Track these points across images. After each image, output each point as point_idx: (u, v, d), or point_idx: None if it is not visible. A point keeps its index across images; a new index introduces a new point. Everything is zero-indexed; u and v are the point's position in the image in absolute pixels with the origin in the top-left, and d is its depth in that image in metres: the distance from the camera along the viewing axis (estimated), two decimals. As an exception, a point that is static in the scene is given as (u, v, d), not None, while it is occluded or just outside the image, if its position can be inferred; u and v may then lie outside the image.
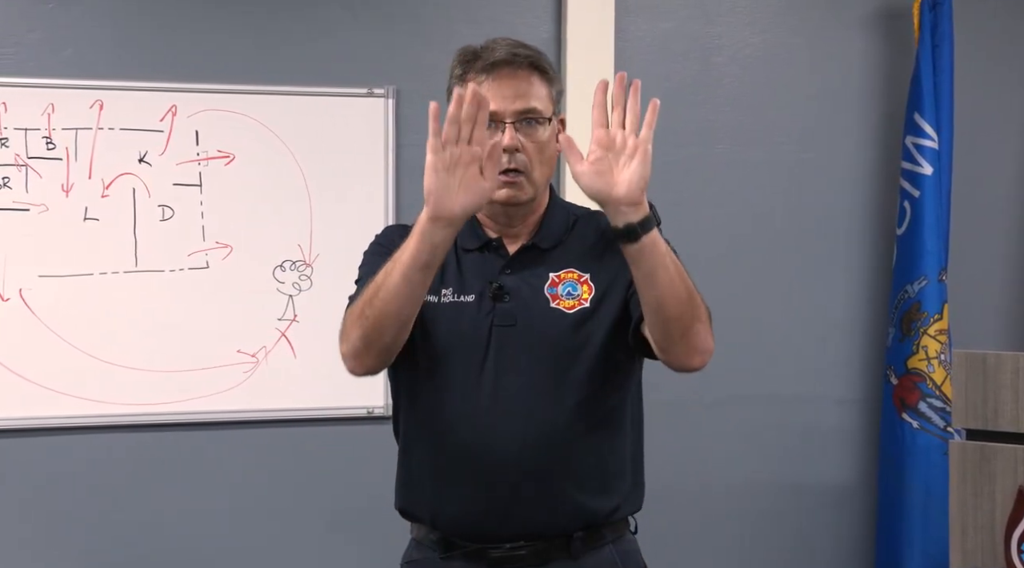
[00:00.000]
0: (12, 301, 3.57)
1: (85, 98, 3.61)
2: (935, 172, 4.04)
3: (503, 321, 2.24)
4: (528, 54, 2.24)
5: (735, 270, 4.13)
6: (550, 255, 2.30)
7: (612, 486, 2.29)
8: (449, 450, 2.24)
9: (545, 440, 2.20)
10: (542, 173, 2.27)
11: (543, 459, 2.20)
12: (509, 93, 2.21)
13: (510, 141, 2.19)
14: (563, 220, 2.35)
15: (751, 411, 4.16)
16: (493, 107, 2.16)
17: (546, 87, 2.26)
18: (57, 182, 3.60)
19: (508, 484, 2.20)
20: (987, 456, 3.06)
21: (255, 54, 3.75)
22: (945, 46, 4.06)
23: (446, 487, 2.25)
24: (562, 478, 2.22)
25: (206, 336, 3.70)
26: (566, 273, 2.28)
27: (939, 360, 4.03)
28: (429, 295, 2.23)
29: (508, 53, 2.22)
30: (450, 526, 2.27)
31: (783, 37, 4.17)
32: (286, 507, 3.81)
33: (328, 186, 3.79)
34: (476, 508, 2.23)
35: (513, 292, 2.26)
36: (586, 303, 2.25)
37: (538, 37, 3.94)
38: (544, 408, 2.21)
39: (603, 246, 2.30)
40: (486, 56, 2.23)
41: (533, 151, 2.23)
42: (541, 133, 2.24)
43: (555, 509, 2.23)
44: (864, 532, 4.27)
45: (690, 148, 4.09)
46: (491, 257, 2.30)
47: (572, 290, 2.27)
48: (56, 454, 3.64)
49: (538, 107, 2.23)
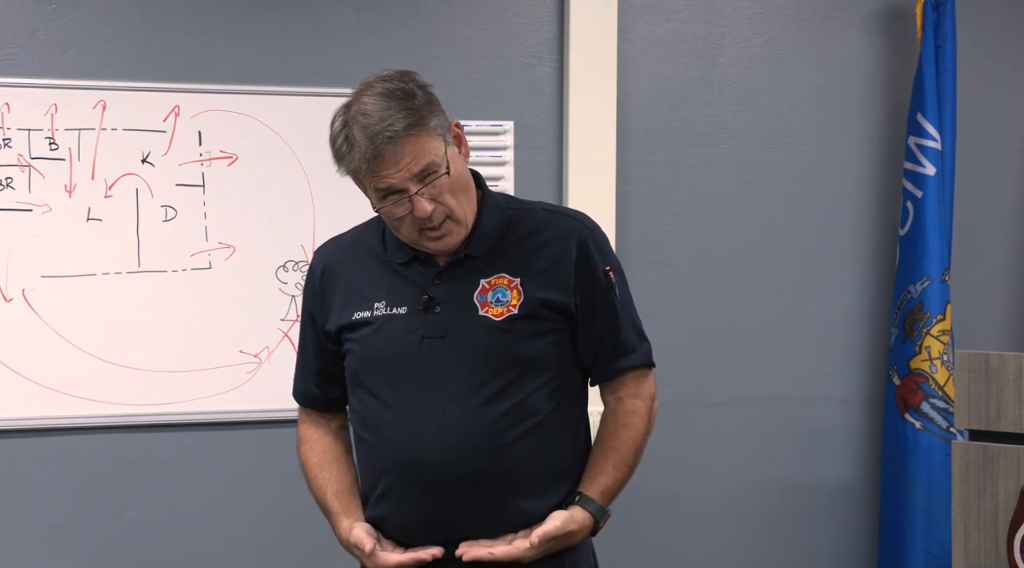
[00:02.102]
0: (15, 301, 3.57)
1: (88, 98, 3.61)
2: (938, 172, 4.04)
3: (434, 332, 2.26)
4: (390, 125, 2.15)
5: (737, 270, 4.13)
6: (482, 261, 2.30)
7: (553, 487, 2.31)
8: (388, 462, 2.28)
9: (479, 447, 2.22)
10: (462, 202, 2.25)
11: (479, 466, 2.22)
12: (397, 167, 2.17)
13: (421, 212, 2.18)
14: (497, 221, 2.34)
15: (754, 411, 4.16)
16: (391, 183, 2.17)
17: (427, 131, 2.19)
18: (60, 182, 3.60)
19: (446, 494, 2.23)
20: (990, 457, 3.06)
21: (258, 54, 3.75)
22: (948, 46, 4.06)
23: (389, 497, 2.30)
24: (499, 483, 2.24)
25: (209, 336, 3.70)
26: (497, 279, 2.29)
27: (942, 361, 4.02)
28: (363, 311, 2.32)
29: (377, 138, 2.15)
30: (397, 535, 2.31)
31: (786, 37, 4.17)
32: (289, 507, 3.81)
33: (331, 186, 3.75)
34: (419, 517, 2.27)
35: (443, 303, 2.27)
36: (514, 309, 2.26)
37: (541, 37, 3.95)
38: (476, 416, 2.23)
39: (537, 250, 2.31)
40: (359, 149, 2.17)
41: (446, 196, 2.22)
42: (443, 179, 2.20)
43: (495, 514, 2.26)
44: (866, 532, 4.26)
45: (693, 148, 4.09)
46: (422, 269, 2.31)
47: (501, 296, 2.27)
48: (59, 454, 3.64)
49: (431, 160, 2.19)
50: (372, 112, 2.17)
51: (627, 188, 4.01)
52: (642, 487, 2.53)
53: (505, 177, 3.87)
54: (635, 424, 2.38)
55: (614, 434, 2.37)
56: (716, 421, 4.14)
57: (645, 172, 4.05)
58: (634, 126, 4.03)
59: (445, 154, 2.21)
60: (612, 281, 2.35)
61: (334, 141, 2.23)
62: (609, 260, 2.37)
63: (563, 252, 2.31)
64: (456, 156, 2.25)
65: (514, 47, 3.93)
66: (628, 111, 4.01)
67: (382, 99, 2.18)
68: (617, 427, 2.37)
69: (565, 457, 2.34)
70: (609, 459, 2.34)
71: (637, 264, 4.00)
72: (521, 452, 2.25)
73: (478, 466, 2.22)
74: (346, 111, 2.22)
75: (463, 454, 2.22)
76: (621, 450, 2.35)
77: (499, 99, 3.91)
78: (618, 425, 2.37)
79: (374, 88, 2.21)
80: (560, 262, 2.30)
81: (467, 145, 2.32)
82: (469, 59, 3.89)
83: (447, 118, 2.26)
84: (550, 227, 2.34)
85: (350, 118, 2.20)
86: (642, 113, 4.04)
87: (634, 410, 2.39)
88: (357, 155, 2.18)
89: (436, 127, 2.20)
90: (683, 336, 4.08)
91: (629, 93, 4.01)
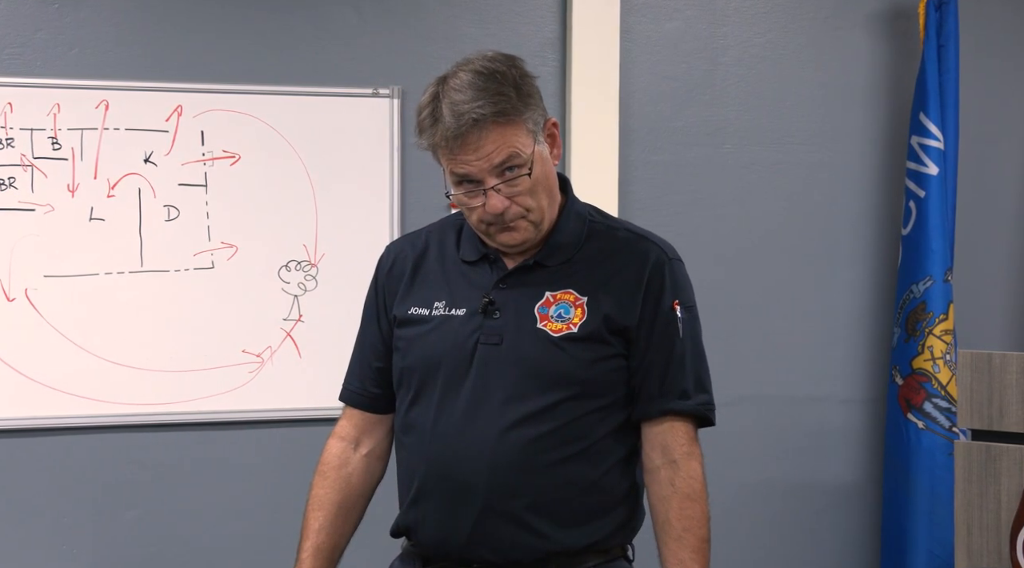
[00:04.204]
0: (18, 301, 3.57)
1: (90, 98, 3.61)
2: (940, 172, 4.04)
3: (489, 339, 2.15)
4: (479, 107, 2.05)
5: (740, 270, 4.12)
6: (552, 271, 2.19)
7: (592, 522, 2.16)
8: (424, 465, 2.17)
9: (516, 464, 2.10)
10: (543, 203, 2.14)
11: (511, 484, 2.10)
12: (478, 154, 2.07)
13: (492, 208, 2.09)
14: (576, 233, 2.22)
15: (756, 411, 4.16)
16: (468, 171, 2.08)
17: (517, 123, 2.08)
18: (63, 182, 3.60)
19: (475, 506, 2.11)
20: (992, 456, 3.06)
21: (260, 54, 3.75)
22: (951, 46, 4.06)
23: (421, 502, 2.19)
24: (530, 506, 2.11)
25: (211, 336, 3.70)
26: (564, 293, 2.17)
27: (944, 360, 4.02)
28: (421, 308, 2.21)
29: (463, 118, 2.05)
30: (424, 542, 2.21)
31: (789, 37, 4.17)
32: (291, 507, 3.80)
33: (333, 186, 3.79)
34: (445, 526, 2.16)
35: (503, 308, 2.16)
36: (574, 328, 2.14)
37: (543, 37, 3.95)
38: (518, 431, 2.11)
39: (610, 271, 2.19)
40: (442, 126, 2.07)
41: (525, 196, 2.11)
42: (524, 178, 2.09)
43: (518, 538, 2.12)
44: (869, 532, 4.26)
45: (695, 148, 4.09)
46: (489, 271, 2.21)
47: (564, 312, 2.15)
48: (61, 454, 3.64)
49: (515, 154, 2.08)
50: (465, 89, 2.06)
51: (629, 188, 4.01)
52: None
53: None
54: (699, 493, 2.16)
55: (682, 511, 2.15)
56: (719, 421, 4.10)
57: (647, 172, 4.05)
58: (636, 126, 4.03)
59: (532, 152, 2.09)
60: (678, 316, 2.21)
61: (420, 111, 2.11)
62: (681, 296, 2.23)
63: (636, 275, 2.19)
64: (545, 156, 2.14)
65: (516, 47, 3.92)
66: (630, 111, 4.01)
67: (479, 78, 2.07)
68: (681, 500, 2.15)
69: (608, 494, 2.18)
70: (686, 545, 2.14)
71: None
72: (557, 477, 2.12)
73: (507, 484, 2.10)
74: (440, 83, 2.11)
75: (491, 469, 2.10)
76: (695, 530, 2.14)
77: (501, 99, 3.91)
78: (681, 497, 2.15)
79: (474, 65, 2.10)
80: (630, 284, 2.18)
81: (560, 146, 2.21)
82: (471, 59, 3.88)
83: (545, 114, 2.15)
84: (628, 249, 2.23)
85: (442, 91, 2.08)
86: (644, 113, 4.04)
87: (693, 476, 2.17)
88: (439, 131, 2.06)
89: (528, 121, 2.10)
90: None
91: (631, 93, 4.01)
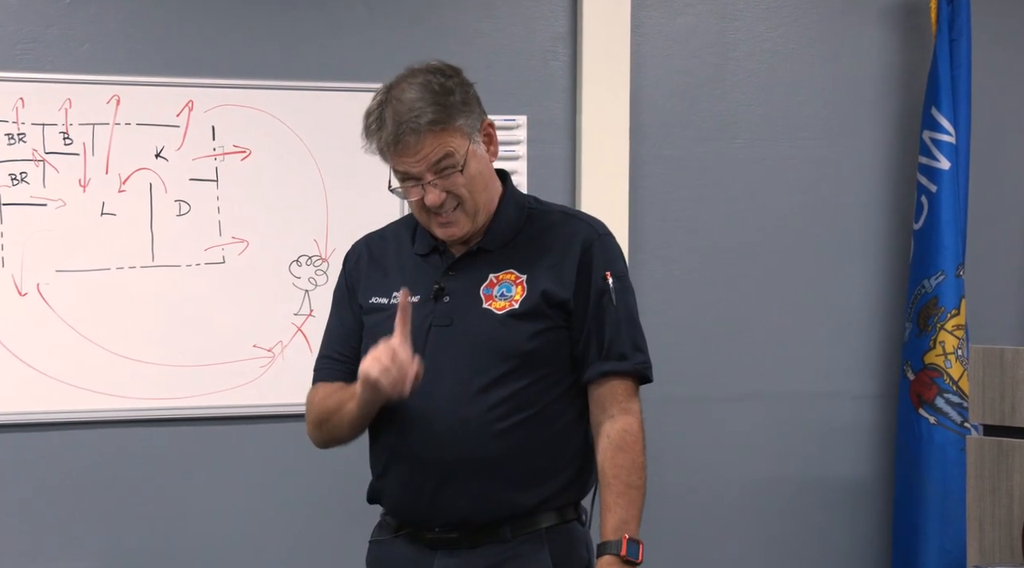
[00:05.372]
0: (30, 296, 3.58)
1: (102, 93, 3.62)
2: (952, 167, 4.04)
3: (440, 321, 2.36)
4: (417, 117, 2.25)
5: (752, 265, 4.12)
6: (494, 256, 2.40)
7: (542, 481, 2.37)
8: (393, 441, 2.39)
9: (470, 435, 2.32)
10: (478, 199, 2.35)
11: (468, 453, 2.32)
12: (416, 157, 2.28)
13: (431, 201, 2.30)
14: (515, 218, 2.43)
15: (768, 407, 4.16)
16: (408, 170, 2.30)
17: (451, 128, 2.28)
18: (74, 177, 3.61)
19: (436, 476, 2.33)
20: (1004, 451, 3.06)
21: (271, 49, 3.76)
22: (963, 40, 4.06)
23: (389, 475, 2.42)
24: (487, 472, 2.32)
25: (222, 331, 3.71)
26: (505, 274, 2.39)
27: (956, 355, 4.01)
28: (381, 297, 2.43)
29: (402, 127, 2.25)
30: (393, 511, 2.46)
31: (800, 31, 4.16)
32: (301, 501, 3.82)
33: (344, 181, 3.79)
34: (410, 495, 2.38)
35: (452, 293, 2.38)
36: (516, 305, 2.35)
37: (554, 32, 3.94)
38: (470, 404, 2.32)
39: (544, 249, 2.40)
40: (385, 132, 2.28)
41: (460, 188, 2.31)
42: (455, 174, 2.29)
43: (480, 501, 2.34)
44: (881, 528, 4.26)
45: (707, 143, 4.09)
46: (439, 260, 2.42)
47: (506, 291, 2.37)
48: (72, 448, 3.65)
49: (449, 155, 2.29)
50: (406, 100, 2.27)
51: (640, 182, 4.00)
52: (655, 482, 2.52)
53: (518, 171, 3.86)
54: (630, 444, 2.37)
55: (612, 459, 2.36)
56: (729, 417, 4.13)
57: (658, 166, 4.04)
58: (647, 120, 4.03)
59: (466, 152, 2.30)
60: (609, 285, 2.39)
61: (367, 117, 2.33)
62: (612, 267, 2.41)
63: (568, 251, 2.39)
64: (479, 154, 2.35)
65: (527, 42, 3.93)
66: (641, 105, 4.01)
67: (420, 90, 2.28)
68: (614, 450, 2.36)
69: (559, 453, 2.39)
70: (612, 490, 2.35)
71: (650, 259, 4.00)
72: (510, 443, 2.32)
73: (467, 453, 2.31)
74: (387, 91, 2.32)
75: (454, 439, 2.31)
76: (623, 476, 2.35)
77: (512, 94, 3.91)
78: (614, 448, 2.36)
79: (417, 77, 2.31)
80: (564, 261, 2.38)
81: (496, 144, 2.41)
82: (482, 54, 3.88)
83: (481, 117, 2.36)
84: (561, 227, 2.44)
85: (387, 99, 2.31)
86: (655, 107, 4.04)
87: (626, 428, 2.37)
88: (383, 137, 2.28)
89: (463, 126, 2.30)
90: (696, 331, 4.07)
91: (642, 87, 4.01)
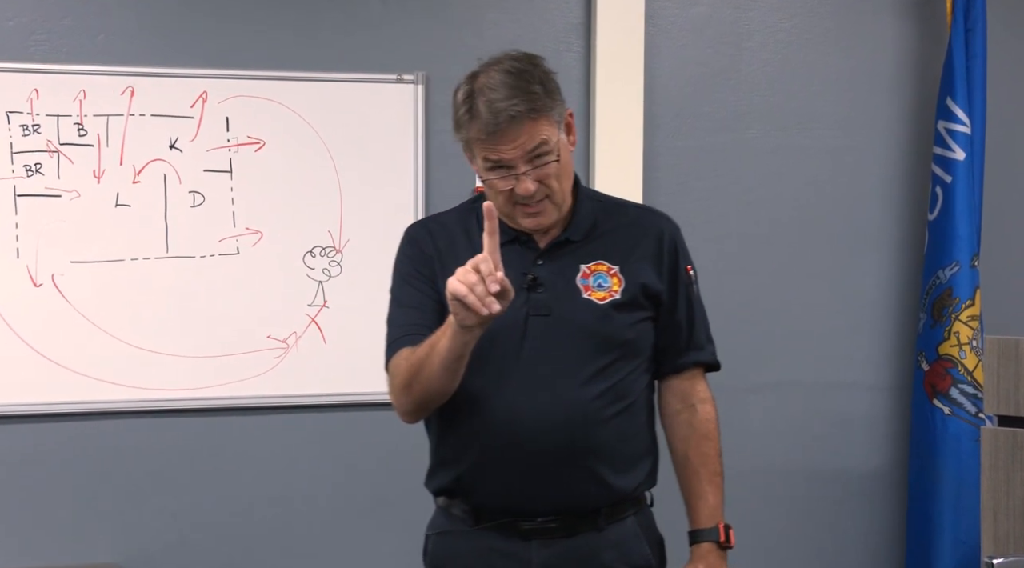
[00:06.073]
0: (44, 287, 3.59)
1: (116, 84, 3.63)
2: (967, 157, 4.02)
3: (538, 311, 2.35)
4: (515, 104, 2.23)
5: (765, 256, 4.11)
6: (580, 247, 2.42)
7: (635, 466, 2.43)
8: (487, 431, 2.34)
9: (576, 423, 2.32)
10: (564, 187, 2.35)
11: (574, 441, 2.32)
12: (513, 144, 2.26)
13: (524, 190, 2.28)
14: (590, 212, 2.46)
15: (782, 398, 4.15)
16: (503, 157, 2.26)
17: (546, 116, 2.28)
18: (89, 168, 3.62)
19: (541, 464, 2.32)
20: (1019, 442, 3.04)
21: (285, 40, 3.76)
22: (978, 30, 4.04)
23: (484, 466, 2.36)
24: (591, 459, 2.34)
25: (236, 322, 3.72)
26: (596, 265, 2.41)
27: (971, 346, 4.00)
28: None
29: (500, 114, 2.23)
30: (486, 502, 2.38)
31: (815, 21, 4.14)
32: (317, 492, 3.83)
33: (358, 172, 3.79)
34: (511, 486, 2.34)
35: (547, 283, 2.37)
36: (616, 295, 2.38)
37: (568, 22, 3.94)
38: (575, 393, 2.33)
39: (633, 242, 2.45)
40: (480, 121, 2.25)
41: (551, 179, 2.31)
42: (552, 163, 2.29)
43: (585, 487, 2.35)
44: (895, 518, 4.25)
45: (721, 134, 4.08)
46: (523, 249, 2.40)
47: (603, 282, 2.39)
48: (87, 439, 3.67)
49: (545, 143, 2.28)
50: (499, 87, 2.25)
51: (654, 173, 4.00)
52: (669, 472, 2.53)
53: (532, 162, 3.86)
54: (712, 433, 2.52)
55: (698, 448, 2.50)
56: (744, 407, 4.13)
57: (672, 157, 4.04)
58: (661, 111, 4.02)
59: (558, 141, 2.31)
60: (692, 278, 2.52)
61: (457, 109, 2.30)
62: (690, 260, 2.53)
63: (656, 244, 2.46)
64: (565, 144, 2.35)
65: (541, 32, 3.92)
66: (655, 96, 4.00)
67: (509, 77, 2.27)
68: (699, 439, 2.51)
69: (647, 438, 2.47)
70: (703, 478, 2.49)
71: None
72: (614, 430, 2.36)
73: (576, 441, 2.32)
74: (472, 81, 2.30)
75: (563, 428, 2.31)
76: (710, 464, 2.49)
77: (526, 84, 3.90)
78: (699, 436, 2.51)
79: (503, 64, 2.30)
80: (654, 253, 2.45)
81: (575, 134, 2.42)
82: (496, 45, 3.83)
83: (565, 107, 2.36)
84: (643, 221, 2.50)
85: (476, 89, 2.28)
86: (669, 98, 4.03)
87: (708, 417, 2.53)
88: (477, 126, 2.26)
89: (555, 114, 2.30)
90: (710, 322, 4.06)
91: (656, 78, 4.00)
